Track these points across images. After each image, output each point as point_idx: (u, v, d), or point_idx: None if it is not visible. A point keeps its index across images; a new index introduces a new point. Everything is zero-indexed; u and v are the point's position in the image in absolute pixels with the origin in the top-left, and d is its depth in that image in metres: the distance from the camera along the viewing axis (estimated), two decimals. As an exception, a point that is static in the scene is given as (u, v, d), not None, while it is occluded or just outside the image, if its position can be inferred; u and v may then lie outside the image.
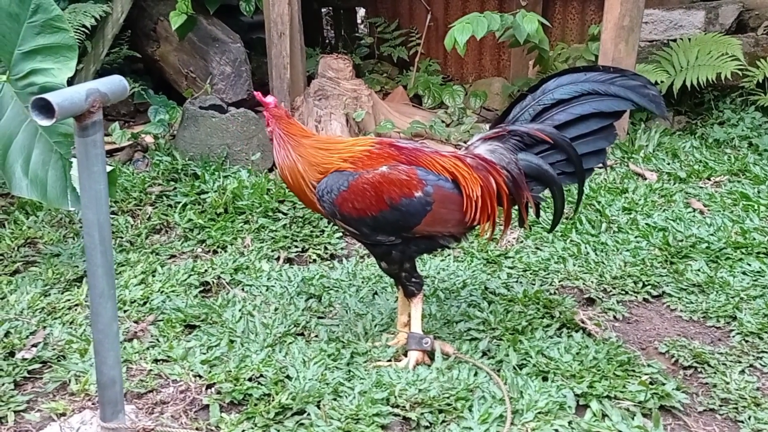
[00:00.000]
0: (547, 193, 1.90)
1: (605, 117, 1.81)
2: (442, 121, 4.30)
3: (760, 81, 4.26)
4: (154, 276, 2.54)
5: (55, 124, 2.44)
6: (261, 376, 1.87)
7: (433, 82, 4.76)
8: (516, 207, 1.91)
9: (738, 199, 3.14)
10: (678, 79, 4.16)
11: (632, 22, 3.79)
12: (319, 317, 2.24)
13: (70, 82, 2.44)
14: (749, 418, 1.78)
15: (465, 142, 4.07)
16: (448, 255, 2.62)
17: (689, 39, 4.42)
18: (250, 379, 1.85)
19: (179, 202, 3.14)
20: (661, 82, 4.13)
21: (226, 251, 2.79)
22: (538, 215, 1.96)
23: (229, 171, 3.39)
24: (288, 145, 1.83)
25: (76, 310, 2.31)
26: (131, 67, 4.42)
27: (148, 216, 3.07)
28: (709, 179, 3.46)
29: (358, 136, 3.80)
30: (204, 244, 2.86)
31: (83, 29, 3.71)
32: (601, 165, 1.87)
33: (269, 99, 1.88)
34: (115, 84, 1.47)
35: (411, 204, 1.79)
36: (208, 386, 1.86)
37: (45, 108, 1.30)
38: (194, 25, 3.94)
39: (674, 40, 4.54)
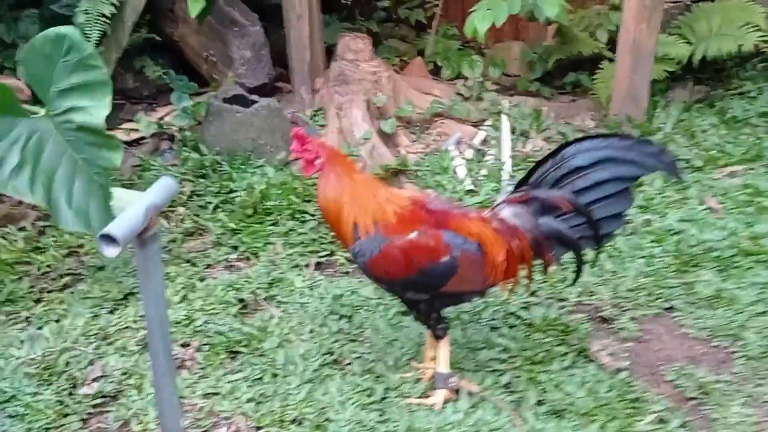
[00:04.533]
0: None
1: (623, 181, 1.90)
2: (461, 94, 4.33)
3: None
4: (194, 291, 2.71)
5: (94, 157, 2.55)
6: (304, 418, 2.07)
7: (451, 49, 4.73)
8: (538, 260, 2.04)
9: (752, 194, 3.22)
10: (699, 50, 4.12)
11: (654, 1, 3.74)
12: (351, 340, 2.42)
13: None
14: (746, 456, 1.97)
15: (483, 119, 4.11)
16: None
17: (712, 1, 4.35)
18: (293, 421, 2.05)
19: (210, 203, 3.27)
20: (678, 65, 4.10)
21: (258, 258, 2.95)
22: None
23: (255, 166, 3.48)
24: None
25: (125, 333, 2.50)
26: (151, 43, 4.41)
27: (181, 218, 3.21)
28: (725, 167, 3.52)
29: (378, 121, 3.85)
30: (237, 251, 3.01)
31: (103, 19, 3.72)
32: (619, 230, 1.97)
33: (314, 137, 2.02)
34: (167, 190, 1.58)
35: (438, 268, 1.92)
36: (257, 428, 2.06)
37: (109, 239, 1.42)
38: (212, 9, 3.93)
39: (697, 2, 4.46)
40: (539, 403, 2.12)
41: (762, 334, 2.42)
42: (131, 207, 1.52)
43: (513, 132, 3.92)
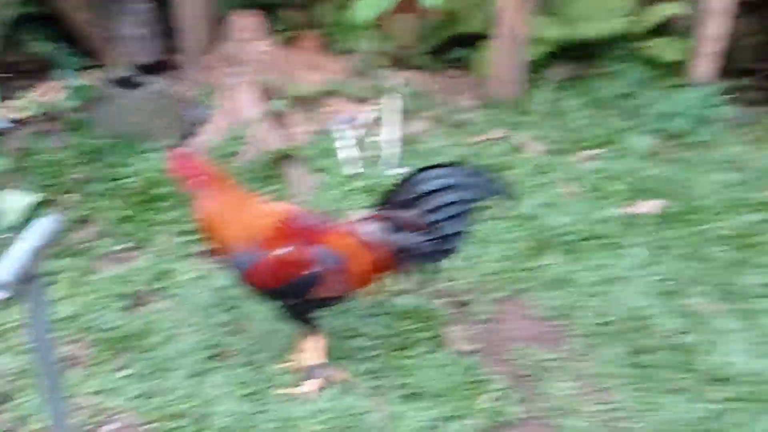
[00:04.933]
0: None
1: (465, 203, 2.18)
2: (353, 70, 4.48)
3: (651, 28, 4.59)
4: (82, 285, 2.84)
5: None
6: (187, 412, 2.29)
7: (344, 21, 4.83)
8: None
9: (604, 178, 3.60)
10: (572, 31, 4.43)
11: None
12: (235, 332, 2.64)
13: None
14: (566, 425, 2.36)
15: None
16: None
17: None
18: (178, 416, 2.28)
19: (99, 190, 3.35)
20: (553, 46, 4.38)
21: (146, 248, 3.08)
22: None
23: (144, 151, 3.56)
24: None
25: (17, 331, 2.62)
26: (39, 16, 4.28)
27: (70, 206, 3.28)
28: (586, 150, 3.88)
29: (269, 101, 3.97)
30: (125, 241, 3.13)
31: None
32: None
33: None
34: (51, 230, 1.70)
35: (305, 279, 2.16)
36: (145, 424, 2.28)
37: (-7, 283, 1.56)
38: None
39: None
40: (400, 387, 2.43)
41: (595, 313, 2.81)
42: (16, 249, 1.65)
43: (401, 111, 4.12)
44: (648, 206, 3.41)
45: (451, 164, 2.19)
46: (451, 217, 2.17)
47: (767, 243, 3.18)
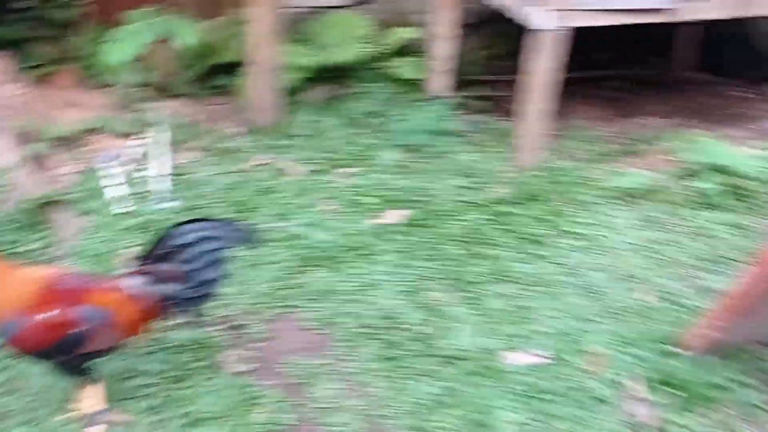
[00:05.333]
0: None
1: (216, 252, 2.48)
2: (117, 103, 4.53)
3: (394, 50, 5.17)
4: None
5: None
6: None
7: (100, 54, 4.83)
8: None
9: (358, 194, 4.08)
10: (323, 58, 4.88)
11: (277, 25, 4.34)
12: (10, 393, 2.69)
13: None
14: (333, 422, 2.75)
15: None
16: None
17: (329, 17, 5.10)
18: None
19: None
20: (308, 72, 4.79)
21: None
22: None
23: None
24: None
25: None
26: None
27: None
28: (343, 168, 4.34)
29: (28, 145, 3.92)
30: None
31: None
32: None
33: None
34: None
35: (71, 339, 2.33)
36: None
37: None
38: None
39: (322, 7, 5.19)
40: (182, 416, 2.67)
41: (354, 317, 3.25)
42: None
43: (168, 143, 4.27)
44: (396, 215, 3.94)
45: (201, 219, 2.48)
46: (205, 266, 2.45)
47: (489, 237, 3.83)
